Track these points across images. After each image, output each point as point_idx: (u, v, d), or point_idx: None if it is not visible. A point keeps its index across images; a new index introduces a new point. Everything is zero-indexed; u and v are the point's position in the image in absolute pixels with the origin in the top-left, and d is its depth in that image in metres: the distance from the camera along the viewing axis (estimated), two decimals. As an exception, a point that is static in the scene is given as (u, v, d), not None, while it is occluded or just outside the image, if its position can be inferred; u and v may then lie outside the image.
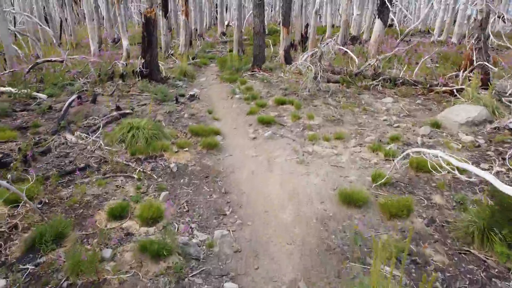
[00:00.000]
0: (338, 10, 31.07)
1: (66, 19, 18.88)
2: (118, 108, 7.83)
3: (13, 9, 16.89)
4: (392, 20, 26.23)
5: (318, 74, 9.02)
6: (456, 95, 8.65)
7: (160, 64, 11.10)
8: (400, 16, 35.91)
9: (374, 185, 5.05)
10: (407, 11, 34.85)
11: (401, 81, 9.57)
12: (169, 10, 21.78)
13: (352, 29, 18.85)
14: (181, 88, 9.90)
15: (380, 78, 9.69)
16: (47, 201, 4.57)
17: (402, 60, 11.96)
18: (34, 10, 18.97)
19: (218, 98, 9.39)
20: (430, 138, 6.70)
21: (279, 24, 37.32)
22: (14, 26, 17.42)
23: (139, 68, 9.70)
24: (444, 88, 9.00)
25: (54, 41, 11.75)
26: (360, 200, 4.56)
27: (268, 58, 13.56)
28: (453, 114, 7.32)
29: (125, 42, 12.60)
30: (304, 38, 16.52)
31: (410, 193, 4.93)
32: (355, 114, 7.93)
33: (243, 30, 25.64)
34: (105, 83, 9.44)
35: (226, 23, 26.30)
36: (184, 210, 4.50)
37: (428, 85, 9.30)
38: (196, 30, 21.56)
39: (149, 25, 9.42)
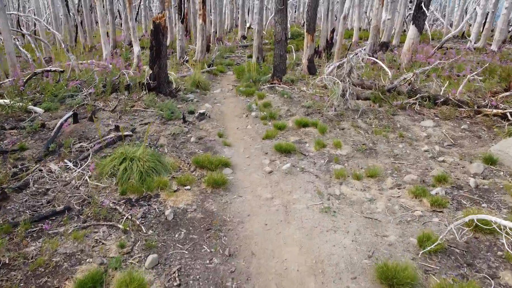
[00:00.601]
0: (365, 13, 29.54)
1: (81, 22, 18.34)
2: (117, 128, 6.94)
3: (19, 11, 16.40)
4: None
5: (347, 91, 7.85)
6: (510, 120, 7.31)
7: (171, 74, 10.19)
8: (429, 19, 33.97)
9: (421, 252, 3.89)
10: (438, 13, 32.89)
11: (442, 100, 8.27)
12: (185, 13, 21.01)
13: (381, 34, 17.47)
14: (191, 103, 8.94)
15: (417, 96, 8.42)
16: (7, 261, 3.66)
17: (440, 72, 10.59)
18: (50, 12, 18.55)
19: (232, 116, 8.36)
20: (484, 179, 5.47)
21: (303, 26, 36.07)
22: (26, 29, 16.96)
23: (146, 80, 8.80)
24: (495, 111, 7.65)
25: (62, 45, 11.00)
26: (405, 279, 3.42)
27: (290, 67, 12.47)
28: (511, 148, 6.03)
29: (136, 48, 11.77)
30: (329, 44, 15.31)
31: (469, 266, 3.76)
32: (390, 141, 6.74)
33: (264, 34, 24.62)
34: (108, 95, 8.59)
35: (248, 25, 25.32)
36: (175, 284, 3.48)
37: (475, 106, 7.97)
38: (216, 33, 20.66)
39: (158, 33, 8.50)
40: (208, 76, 12.42)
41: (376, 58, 11.71)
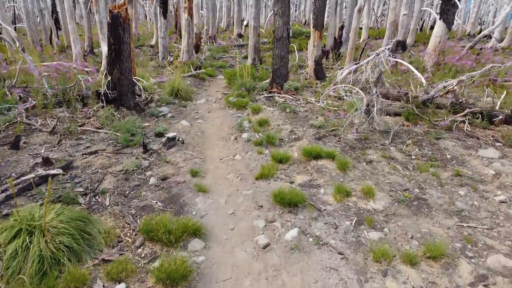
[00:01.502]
0: (373, 9, 27.37)
1: (56, 18, 16.17)
2: (47, 161, 4.80)
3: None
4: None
5: (373, 105, 5.67)
6: None
7: (140, 80, 8.02)
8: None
9: None
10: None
11: (501, 117, 6.09)
12: (175, 8, 18.81)
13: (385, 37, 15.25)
14: (163, 120, 6.75)
15: (465, 111, 6.23)
16: None
17: (478, 78, 8.40)
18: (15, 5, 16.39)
19: (216, 139, 6.18)
20: None
21: (305, 25, 33.89)
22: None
23: (104, 89, 6.62)
24: None
25: (18, 44, 8.84)
26: None
27: (291, 70, 10.29)
28: None
29: (104, 48, 9.60)
30: (338, 43, 13.13)
31: None
32: (443, 184, 4.55)
33: (263, 32, 22.44)
34: (50, 110, 6.42)
35: (245, 22, 23.13)
36: None
37: (548, 126, 5.79)
38: (208, 30, 18.50)
39: (117, 27, 6.33)
40: (194, 81, 10.24)
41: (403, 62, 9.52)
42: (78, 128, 5.96)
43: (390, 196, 4.26)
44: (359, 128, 5.91)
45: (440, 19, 10.79)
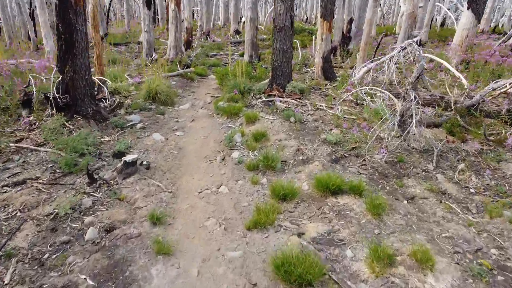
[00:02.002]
0: (380, 4, 25.76)
1: (32, 12, 14.62)
2: None
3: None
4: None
5: (412, 115, 4.11)
6: None
7: (107, 80, 6.48)
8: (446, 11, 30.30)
9: None
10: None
11: None
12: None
13: (401, 31, 13.68)
14: (129, 133, 5.18)
15: (528, 122, 4.68)
16: None
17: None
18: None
19: (196, 160, 4.62)
20: None
21: (306, 22, 32.28)
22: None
23: (53, 93, 5.08)
24: None
25: None
26: None
27: (295, 69, 8.74)
28: None
29: (49, 42, 8.05)
30: (346, 39, 11.57)
31: None
32: (531, 239, 2.99)
33: (262, 28, 20.88)
34: (-21, 122, 4.87)
35: (243, 19, 21.54)
36: None
37: None
38: (202, 26, 16.95)
39: (66, 10, 4.78)
40: (180, 82, 8.69)
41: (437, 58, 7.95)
42: (11, 145, 4.41)
43: (457, 264, 2.71)
44: (389, 145, 4.35)
45: (468, 9, 9.22)
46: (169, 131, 5.46)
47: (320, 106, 5.90)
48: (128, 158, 3.84)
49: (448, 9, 23.87)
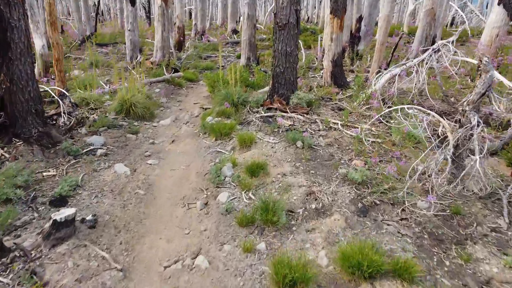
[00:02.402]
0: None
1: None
2: None
3: None
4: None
5: (476, 149, 2.85)
6: None
7: (75, 92, 5.25)
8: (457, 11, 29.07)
9: None
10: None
11: None
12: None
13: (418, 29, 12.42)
14: (83, 163, 3.91)
15: None
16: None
17: None
18: None
19: (169, 206, 3.36)
20: None
21: (307, 22, 30.99)
22: None
23: (-19, 110, 3.82)
24: None
25: None
26: None
27: (298, 73, 7.47)
28: None
29: (38, 43, 6.82)
30: (355, 39, 10.32)
31: None
32: None
33: (261, 28, 19.63)
34: None
35: (241, 18, 20.25)
36: None
37: None
38: (196, 25, 15.72)
39: (-6, -1, 3.53)
40: (166, 89, 7.45)
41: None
42: None
43: None
44: (437, 187, 3.10)
45: (499, 4, 7.96)
46: (140, 158, 4.20)
47: (334, 124, 4.64)
48: (61, 215, 2.59)
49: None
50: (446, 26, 22.00)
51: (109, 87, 6.71)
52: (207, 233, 2.92)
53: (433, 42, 11.39)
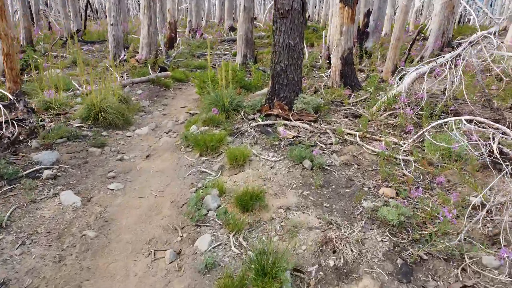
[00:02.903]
0: None
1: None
2: None
3: None
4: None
5: None
6: None
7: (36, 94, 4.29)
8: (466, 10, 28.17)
9: None
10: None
11: None
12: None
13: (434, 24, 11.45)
14: (20, 190, 2.92)
15: None
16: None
17: None
18: None
19: (127, 256, 2.40)
20: None
21: (308, 20, 30.07)
22: None
23: None
24: None
25: None
26: None
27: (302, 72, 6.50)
28: None
29: None
30: (363, 34, 9.38)
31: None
32: None
33: (260, 25, 18.71)
34: None
35: (238, 11, 19.27)
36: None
37: None
38: (191, 22, 14.79)
39: None
40: (150, 90, 6.51)
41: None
42: None
43: None
44: (509, 234, 2.14)
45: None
46: (100, 182, 3.24)
47: (350, 136, 3.67)
48: None
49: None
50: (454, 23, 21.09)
51: (84, 88, 5.75)
52: (174, 307, 1.96)
53: (449, 42, 10.42)
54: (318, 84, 5.95)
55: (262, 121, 4.05)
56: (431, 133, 3.33)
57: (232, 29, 15.81)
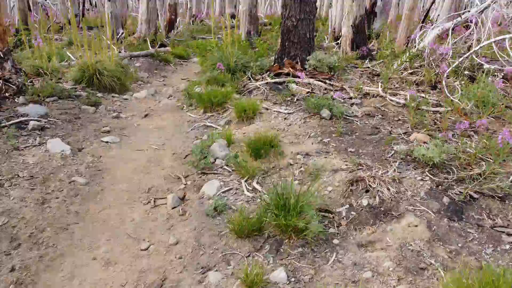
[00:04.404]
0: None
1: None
2: None
3: None
4: None
5: None
6: None
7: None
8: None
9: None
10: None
11: None
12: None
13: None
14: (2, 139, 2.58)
15: None
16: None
17: None
18: None
19: (123, 203, 2.07)
20: None
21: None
22: None
23: None
24: None
25: None
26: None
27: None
28: None
29: None
30: (371, 15, 9.03)
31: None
32: None
33: (261, 16, 18.36)
34: None
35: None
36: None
37: None
38: (191, 9, 14.46)
39: None
40: (149, 64, 6.17)
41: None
42: None
43: None
44: None
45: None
46: (93, 135, 2.90)
47: (372, 91, 3.33)
48: None
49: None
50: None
51: (78, 59, 5.40)
52: (179, 249, 1.63)
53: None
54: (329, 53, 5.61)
55: (272, 79, 3.71)
56: (462, 83, 3.00)
57: (233, 16, 15.46)
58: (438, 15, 9.72)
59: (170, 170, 2.41)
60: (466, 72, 3.44)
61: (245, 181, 2.11)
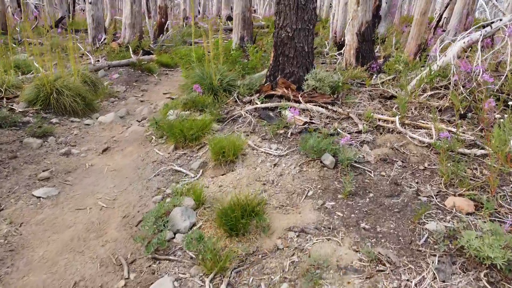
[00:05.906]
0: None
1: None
2: None
3: None
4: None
5: None
6: None
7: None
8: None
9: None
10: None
11: None
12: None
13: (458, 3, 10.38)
14: None
15: None
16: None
17: None
18: None
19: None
20: None
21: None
22: None
23: None
24: None
25: None
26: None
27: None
28: None
29: None
30: (376, 18, 8.36)
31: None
32: None
33: (259, 17, 17.73)
34: None
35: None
36: None
37: None
38: (185, 10, 13.79)
39: None
40: (130, 75, 5.51)
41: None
42: None
43: None
44: None
45: None
46: (24, 185, 2.22)
47: (385, 120, 2.64)
48: None
49: None
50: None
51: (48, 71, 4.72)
52: None
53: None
54: (328, 69, 4.93)
55: (262, 103, 3.02)
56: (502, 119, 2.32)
57: (230, 18, 14.79)
58: (445, 18, 9.05)
59: (113, 247, 1.73)
60: (503, 96, 2.75)
61: (211, 280, 1.43)
